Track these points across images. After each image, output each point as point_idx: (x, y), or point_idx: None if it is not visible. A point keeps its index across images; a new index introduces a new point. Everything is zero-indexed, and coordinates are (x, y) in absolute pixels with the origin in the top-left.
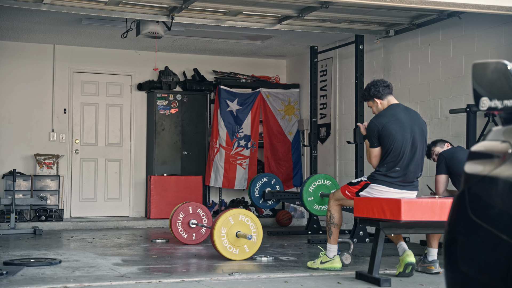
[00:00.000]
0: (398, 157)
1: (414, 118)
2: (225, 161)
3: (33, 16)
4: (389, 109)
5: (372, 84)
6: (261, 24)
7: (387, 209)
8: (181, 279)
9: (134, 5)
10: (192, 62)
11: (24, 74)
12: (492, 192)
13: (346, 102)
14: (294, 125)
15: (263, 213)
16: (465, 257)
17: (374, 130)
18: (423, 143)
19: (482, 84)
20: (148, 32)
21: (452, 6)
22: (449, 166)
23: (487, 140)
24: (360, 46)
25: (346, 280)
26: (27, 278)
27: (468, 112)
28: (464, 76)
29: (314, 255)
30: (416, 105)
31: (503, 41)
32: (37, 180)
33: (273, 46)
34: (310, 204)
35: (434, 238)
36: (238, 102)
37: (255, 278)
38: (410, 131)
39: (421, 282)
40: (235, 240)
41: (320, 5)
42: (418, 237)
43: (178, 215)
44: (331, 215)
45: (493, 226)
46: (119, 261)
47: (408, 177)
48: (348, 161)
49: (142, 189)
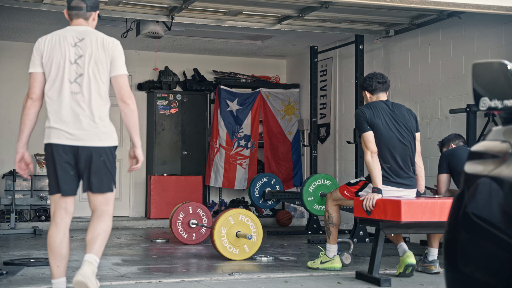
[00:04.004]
0: (384, 153)
1: (400, 115)
2: (225, 161)
3: (33, 16)
4: (376, 103)
5: (369, 76)
6: (261, 24)
7: (387, 210)
8: (181, 279)
9: (134, 5)
10: (192, 62)
11: (24, 74)
12: (492, 192)
13: (346, 102)
14: (294, 125)
15: (263, 213)
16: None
17: (361, 116)
18: (411, 139)
19: (482, 84)
20: (148, 32)
21: (452, 6)
22: (451, 165)
23: (487, 140)
24: (360, 46)
25: (346, 280)
26: (27, 278)
27: (468, 112)
28: (464, 76)
29: (314, 255)
30: (416, 105)
31: (503, 41)
32: (37, 180)
33: (273, 46)
34: (310, 204)
35: (435, 238)
36: (238, 102)
37: (255, 278)
38: (396, 128)
39: (421, 282)
40: (235, 240)
41: (320, 5)
42: (418, 237)
43: (178, 215)
44: (329, 215)
45: (493, 226)
46: (119, 261)
47: (400, 174)
48: (348, 161)
49: (142, 189)
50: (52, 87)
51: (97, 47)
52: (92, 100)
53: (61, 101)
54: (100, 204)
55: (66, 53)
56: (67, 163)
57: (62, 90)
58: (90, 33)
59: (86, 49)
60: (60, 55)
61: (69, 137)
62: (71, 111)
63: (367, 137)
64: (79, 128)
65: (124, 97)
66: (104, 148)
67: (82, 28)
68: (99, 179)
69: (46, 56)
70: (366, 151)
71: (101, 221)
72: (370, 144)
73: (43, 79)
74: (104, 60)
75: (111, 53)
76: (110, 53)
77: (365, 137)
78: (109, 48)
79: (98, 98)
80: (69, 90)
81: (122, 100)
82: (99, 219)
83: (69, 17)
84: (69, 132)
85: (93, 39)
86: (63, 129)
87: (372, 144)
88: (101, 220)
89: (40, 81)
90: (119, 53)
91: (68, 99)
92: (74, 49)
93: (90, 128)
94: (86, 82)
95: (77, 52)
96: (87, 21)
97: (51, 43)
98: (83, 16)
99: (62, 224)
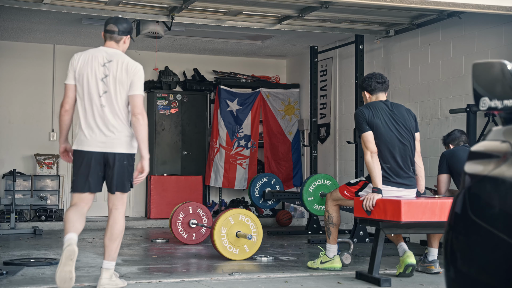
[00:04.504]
0: (384, 153)
1: (399, 115)
2: (225, 161)
3: (33, 16)
4: (375, 103)
5: (368, 76)
6: (261, 24)
7: (387, 210)
8: (181, 279)
9: (134, 5)
10: (192, 62)
11: (24, 74)
12: (492, 192)
13: (346, 102)
14: (294, 125)
15: (263, 213)
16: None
17: (360, 116)
18: (411, 139)
19: (482, 84)
20: (148, 32)
21: (452, 6)
22: (450, 165)
23: (487, 140)
24: (360, 46)
25: (346, 280)
26: (27, 278)
27: (468, 112)
28: (464, 76)
29: (314, 255)
30: (416, 105)
31: (503, 41)
32: (37, 180)
33: (273, 46)
34: (310, 204)
35: (435, 238)
36: (238, 102)
37: (255, 278)
38: (396, 128)
39: (421, 282)
40: (235, 240)
41: (320, 5)
42: (418, 237)
43: (178, 215)
44: (329, 215)
45: (493, 226)
46: (119, 261)
47: (400, 174)
48: (348, 161)
49: (142, 189)
50: (82, 99)
51: (121, 69)
52: (114, 114)
53: (89, 112)
54: (115, 200)
55: (95, 71)
56: (95, 166)
57: (91, 103)
58: (118, 56)
59: (112, 70)
60: (90, 72)
61: (99, 144)
62: (99, 121)
63: (366, 137)
64: (104, 137)
65: (136, 113)
66: (124, 154)
67: (112, 50)
68: (121, 179)
69: (78, 72)
70: (366, 151)
71: (116, 223)
72: (369, 144)
73: (75, 90)
74: (125, 81)
75: (132, 76)
76: (131, 76)
77: (364, 137)
78: (131, 71)
79: (119, 112)
80: (97, 103)
81: (134, 115)
82: (115, 222)
83: (104, 38)
84: (97, 140)
85: (119, 62)
86: (91, 137)
87: (372, 144)
88: (115, 223)
89: (72, 92)
90: (139, 77)
91: (96, 111)
92: (102, 69)
93: (113, 137)
94: (110, 98)
95: (105, 71)
96: (118, 44)
97: (84, 60)
98: (115, 39)
99: (80, 209)
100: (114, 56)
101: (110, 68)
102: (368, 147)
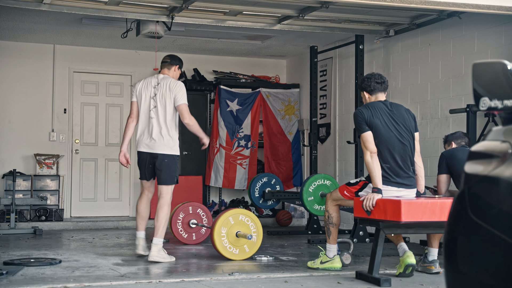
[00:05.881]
0: (384, 153)
1: (399, 115)
2: (225, 161)
3: (33, 16)
4: (374, 103)
5: (367, 76)
6: (261, 24)
7: (387, 210)
8: (181, 279)
9: (134, 5)
10: (192, 62)
11: (24, 74)
12: (492, 192)
13: (346, 102)
14: (294, 125)
15: (263, 213)
16: (465, 257)
17: (360, 117)
18: (410, 139)
19: (482, 84)
20: (148, 32)
21: (452, 6)
22: (450, 166)
23: (487, 140)
24: (360, 46)
25: (346, 280)
26: (27, 278)
27: (468, 112)
28: (464, 76)
29: (314, 255)
30: (416, 105)
31: (503, 41)
32: (37, 180)
33: (273, 46)
34: (310, 204)
35: (435, 238)
36: (238, 102)
37: (255, 278)
38: (395, 128)
39: (421, 282)
40: (235, 240)
41: (320, 5)
42: (418, 237)
43: (178, 215)
44: (329, 215)
45: (493, 226)
46: (119, 261)
47: (400, 174)
48: (348, 161)
49: None
50: (141, 112)
51: (166, 88)
52: (161, 123)
53: (144, 122)
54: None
55: (149, 91)
56: (148, 162)
57: (146, 115)
58: (165, 79)
59: (160, 90)
60: (146, 92)
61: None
62: (150, 129)
63: (366, 138)
64: (153, 140)
65: (184, 118)
66: (167, 154)
67: (162, 76)
68: (163, 174)
69: (138, 92)
70: (366, 151)
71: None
72: (369, 144)
73: (137, 105)
74: (169, 97)
75: (174, 92)
76: (174, 92)
77: (364, 138)
78: (173, 88)
79: (165, 122)
80: (149, 115)
81: (183, 121)
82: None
83: (160, 67)
84: (145, 143)
85: (166, 83)
86: (143, 141)
87: (371, 144)
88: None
89: (136, 107)
90: (179, 91)
91: (149, 121)
92: (153, 89)
93: (159, 141)
94: (157, 112)
95: (155, 91)
96: (169, 71)
97: (143, 84)
98: (167, 67)
99: (145, 197)
100: (162, 79)
101: (159, 89)
102: (368, 147)
